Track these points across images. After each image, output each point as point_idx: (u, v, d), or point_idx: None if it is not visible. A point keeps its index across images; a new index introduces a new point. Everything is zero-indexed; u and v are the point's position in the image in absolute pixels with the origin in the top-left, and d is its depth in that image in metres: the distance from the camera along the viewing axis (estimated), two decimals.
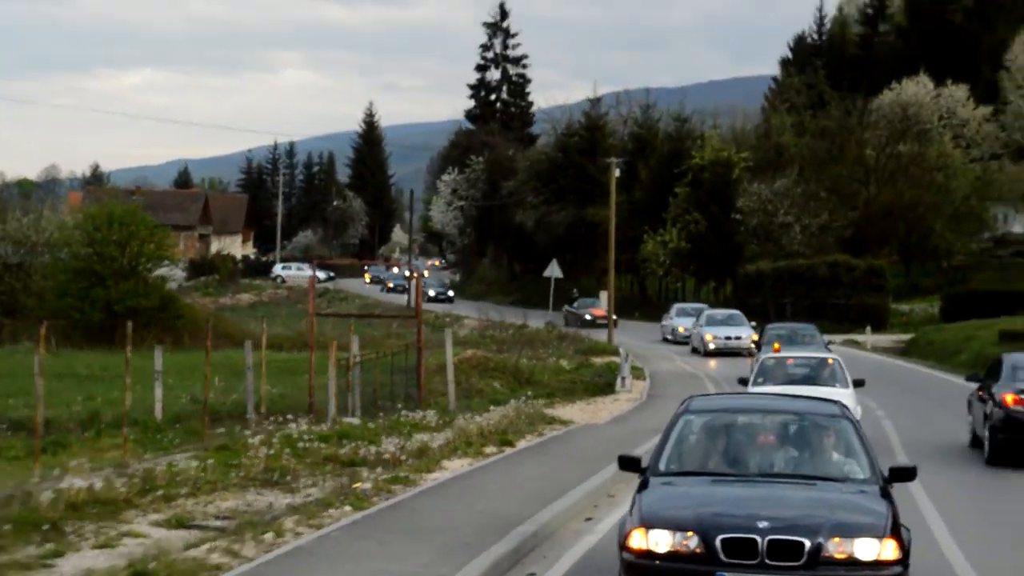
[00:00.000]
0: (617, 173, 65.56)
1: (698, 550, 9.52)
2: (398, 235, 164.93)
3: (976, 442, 23.54)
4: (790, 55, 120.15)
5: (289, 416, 26.46)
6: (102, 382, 36.38)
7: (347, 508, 15.56)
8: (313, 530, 14.01)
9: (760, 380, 24.33)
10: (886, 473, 10.99)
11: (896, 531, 9.76)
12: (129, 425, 28.92)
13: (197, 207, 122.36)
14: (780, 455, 11.44)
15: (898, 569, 9.51)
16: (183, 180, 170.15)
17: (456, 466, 19.93)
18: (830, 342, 41.42)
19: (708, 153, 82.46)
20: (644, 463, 11.33)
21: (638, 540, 9.73)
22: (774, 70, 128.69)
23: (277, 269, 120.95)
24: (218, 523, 14.95)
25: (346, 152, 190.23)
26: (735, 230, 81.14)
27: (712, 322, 53.56)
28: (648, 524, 9.80)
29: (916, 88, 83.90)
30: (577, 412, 30.49)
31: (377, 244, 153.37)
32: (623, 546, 9.98)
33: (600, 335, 58.06)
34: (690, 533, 9.59)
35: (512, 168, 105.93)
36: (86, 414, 29.71)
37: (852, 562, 9.41)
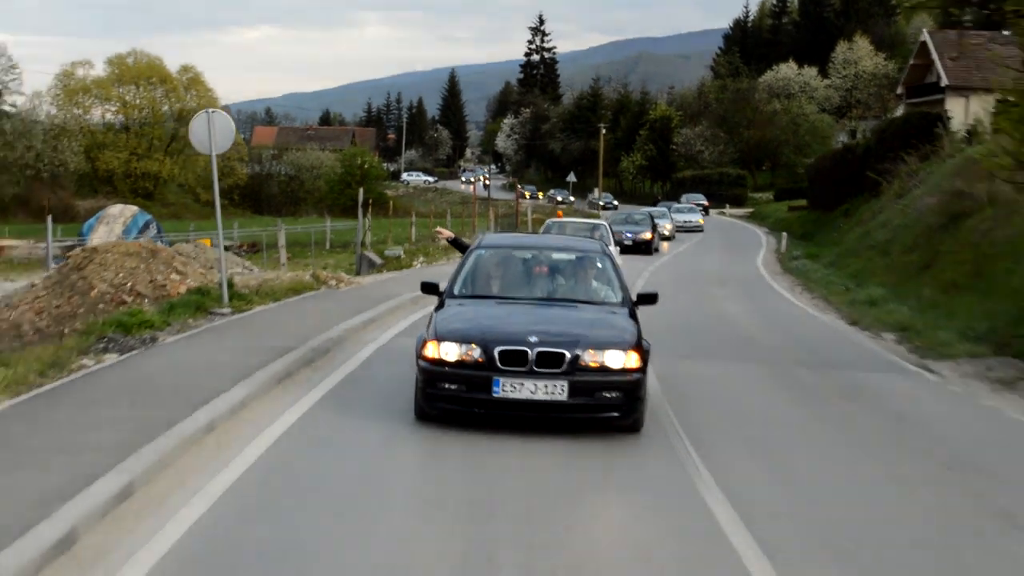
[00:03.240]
0: (605, 128, 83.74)
1: (480, 359, 8.76)
2: (468, 154, 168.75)
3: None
4: (730, 33, 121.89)
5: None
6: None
7: None
8: None
9: None
10: (634, 298, 10.31)
11: (639, 344, 9.07)
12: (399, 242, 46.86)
13: (347, 137, 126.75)
14: (551, 283, 10.60)
15: (638, 375, 8.85)
16: (325, 117, 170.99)
17: None
18: (661, 234, 42.87)
19: (658, 112, 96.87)
20: (443, 288, 10.33)
21: (432, 350, 8.90)
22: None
23: (404, 176, 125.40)
24: None
25: (420, 86, 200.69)
26: (671, 154, 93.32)
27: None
28: (440, 337, 8.94)
29: (787, 70, 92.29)
30: None
31: (456, 158, 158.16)
32: (419, 355, 9.07)
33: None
34: (474, 345, 8.83)
35: (547, 116, 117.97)
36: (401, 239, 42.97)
37: (603, 369, 8.76)
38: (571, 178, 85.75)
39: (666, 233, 46.34)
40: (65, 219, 56.98)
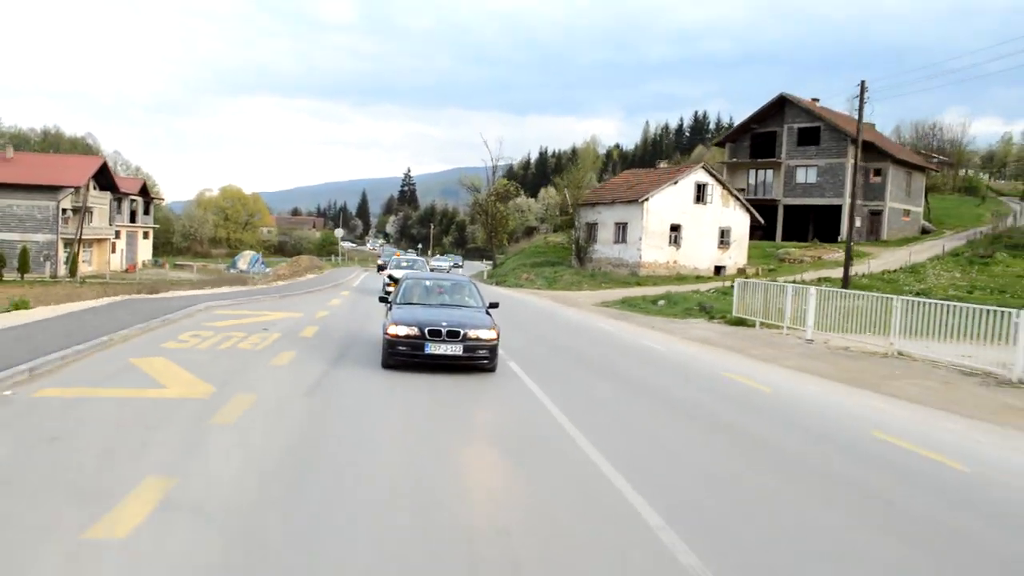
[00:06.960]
0: (434, 225, 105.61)
1: (417, 334, 10.03)
2: (371, 232, 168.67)
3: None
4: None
5: None
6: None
7: None
8: None
9: (430, 267, 28.63)
10: (487, 304, 11.60)
11: (494, 327, 10.44)
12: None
13: (309, 223, 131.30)
14: (447, 296, 11.90)
15: (495, 343, 10.26)
16: (295, 211, 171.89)
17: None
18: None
19: (459, 218, 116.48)
20: (390, 299, 11.71)
21: (392, 330, 10.07)
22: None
23: (340, 243, 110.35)
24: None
25: (343, 190, 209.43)
26: (464, 237, 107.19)
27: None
28: (396, 323, 10.19)
29: (520, 200, 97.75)
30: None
31: (365, 234, 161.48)
32: (385, 332, 10.19)
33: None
34: (414, 327, 10.09)
35: (410, 216, 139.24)
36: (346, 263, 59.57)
37: (478, 339, 10.11)
38: (419, 246, 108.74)
39: (427, 268, 40.10)
40: (208, 257, 78.92)
